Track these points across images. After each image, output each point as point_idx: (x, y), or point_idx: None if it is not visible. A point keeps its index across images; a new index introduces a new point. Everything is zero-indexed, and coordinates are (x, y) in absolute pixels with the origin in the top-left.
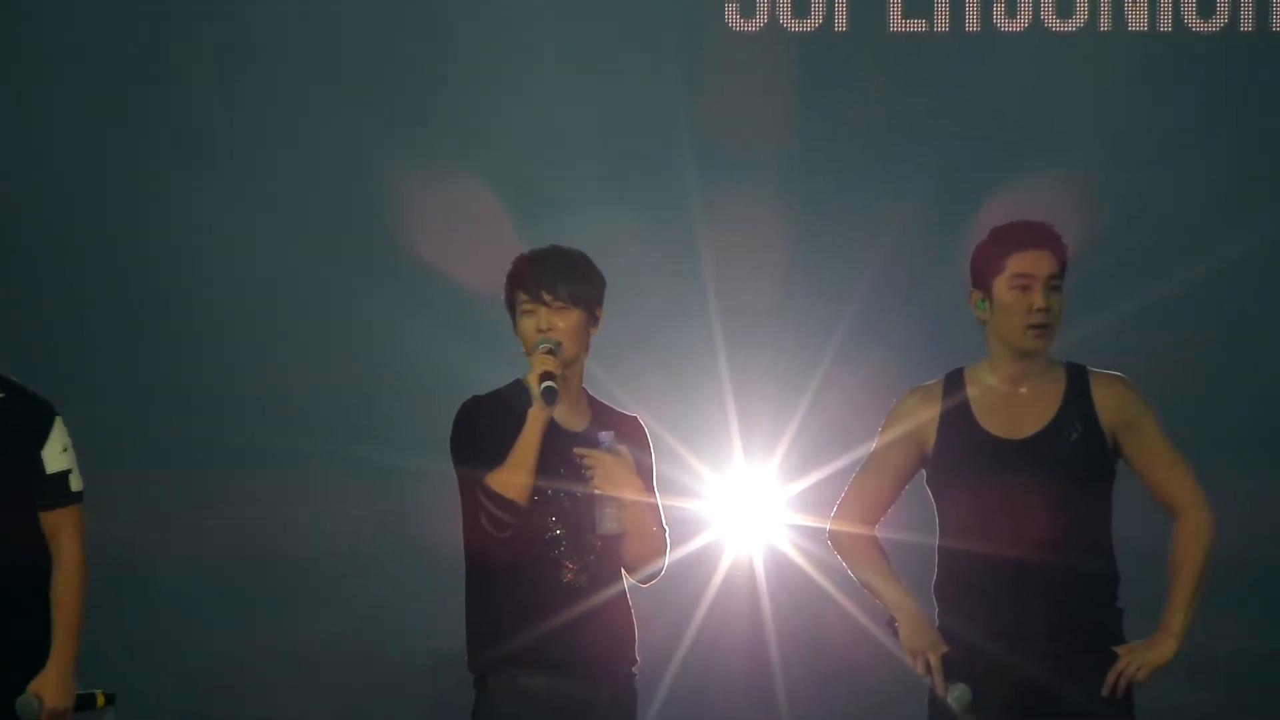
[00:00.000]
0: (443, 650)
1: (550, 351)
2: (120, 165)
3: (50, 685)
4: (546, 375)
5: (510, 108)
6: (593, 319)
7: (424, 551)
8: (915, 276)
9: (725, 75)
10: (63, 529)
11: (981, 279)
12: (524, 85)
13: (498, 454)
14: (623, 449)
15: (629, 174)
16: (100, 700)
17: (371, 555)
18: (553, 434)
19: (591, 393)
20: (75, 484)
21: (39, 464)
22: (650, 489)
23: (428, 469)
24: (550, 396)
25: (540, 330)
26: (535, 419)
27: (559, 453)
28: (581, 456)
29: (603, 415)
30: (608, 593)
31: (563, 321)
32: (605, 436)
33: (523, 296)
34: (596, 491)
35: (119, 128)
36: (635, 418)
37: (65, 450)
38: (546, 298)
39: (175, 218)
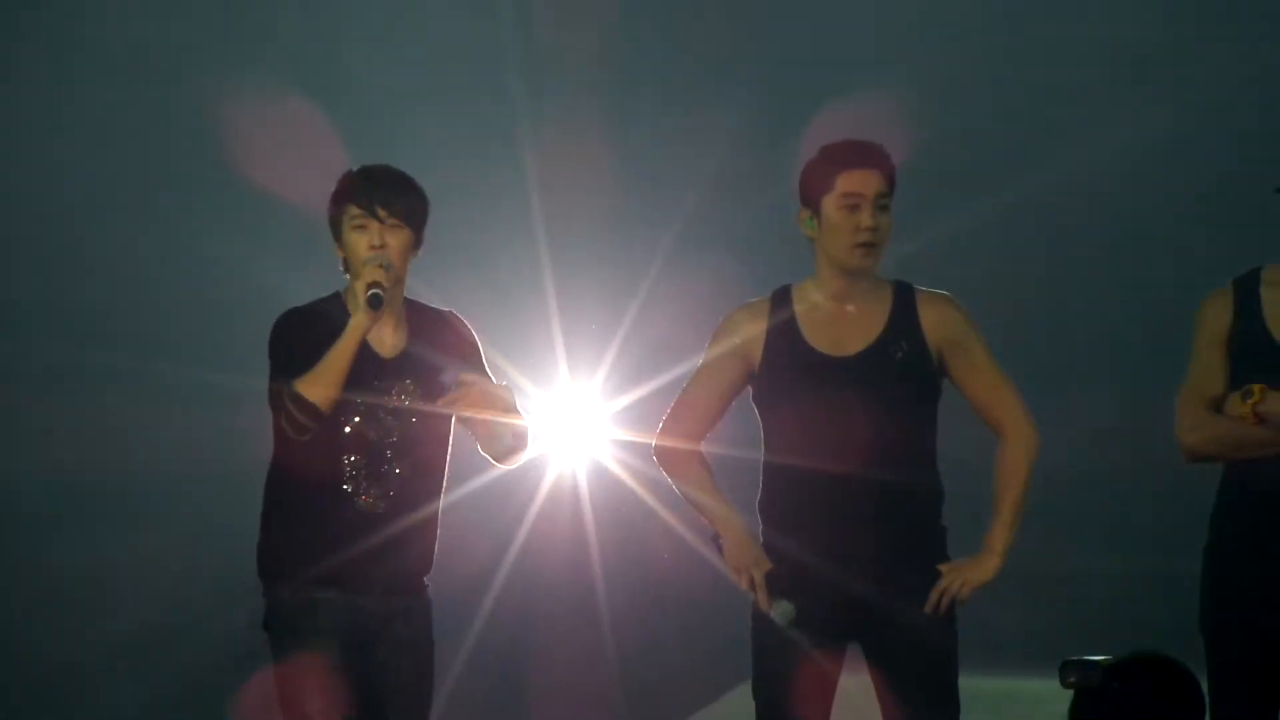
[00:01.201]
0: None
1: (382, 266)
2: None
3: None
4: (374, 284)
5: (336, 24)
6: (418, 240)
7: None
8: (741, 192)
9: None
10: None
11: (810, 197)
12: (352, 3)
13: (309, 365)
14: (467, 376)
15: (454, 89)
16: None
17: (201, 474)
18: (363, 357)
19: (409, 297)
20: None
21: None
22: (484, 375)
23: (252, 387)
24: (375, 302)
25: (373, 247)
26: (356, 325)
27: (367, 381)
28: (452, 401)
29: (417, 319)
30: (408, 519)
31: (394, 239)
32: (448, 378)
33: (354, 210)
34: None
35: None
36: (449, 312)
37: None
38: (381, 213)
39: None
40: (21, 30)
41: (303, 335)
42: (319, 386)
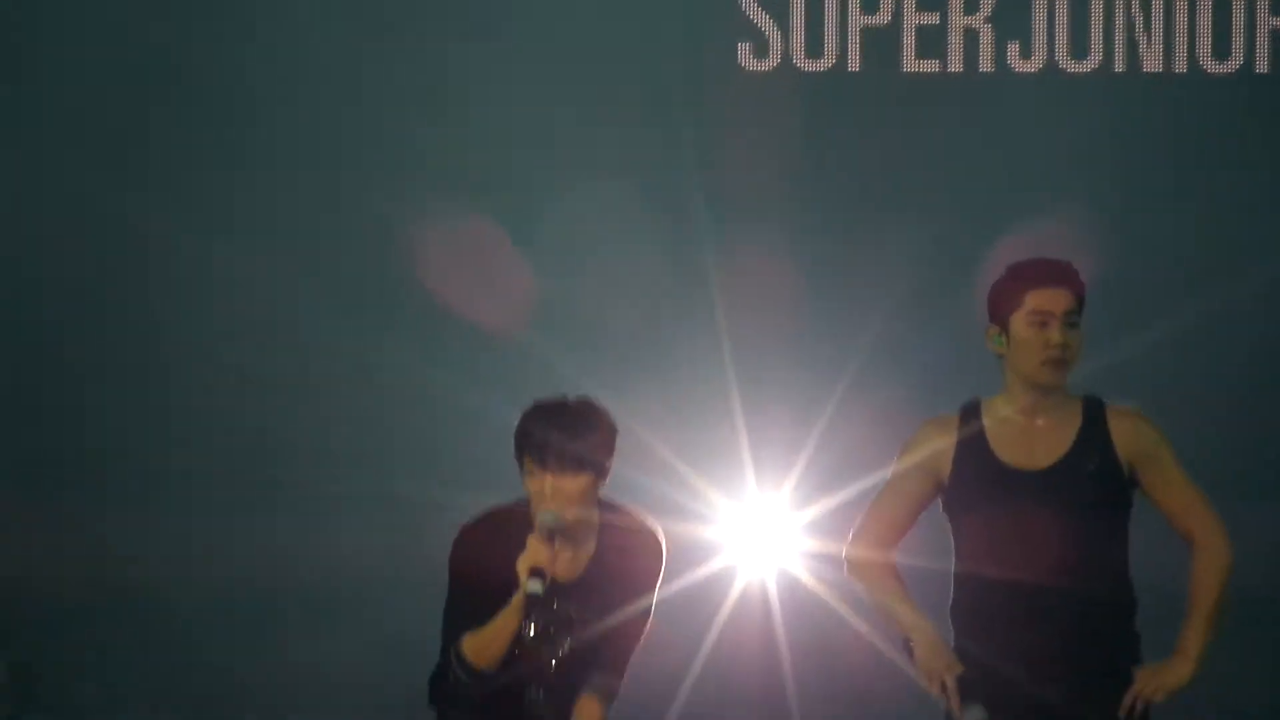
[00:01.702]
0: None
1: (551, 529)
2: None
3: None
4: (536, 572)
5: (522, 149)
6: (602, 476)
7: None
8: (929, 309)
9: (738, 115)
10: None
11: (999, 314)
12: (536, 127)
13: (482, 606)
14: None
15: (642, 213)
16: None
17: (380, 585)
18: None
19: (607, 499)
20: None
21: None
22: (643, 621)
23: (434, 498)
24: (534, 599)
25: (541, 509)
26: (517, 605)
27: (548, 608)
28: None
29: (607, 544)
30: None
31: (571, 486)
32: None
33: (528, 460)
34: None
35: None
36: (648, 537)
37: None
38: (552, 465)
39: (179, 252)
40: (97, 64)
41: (479, 570)
42: (487, 653)
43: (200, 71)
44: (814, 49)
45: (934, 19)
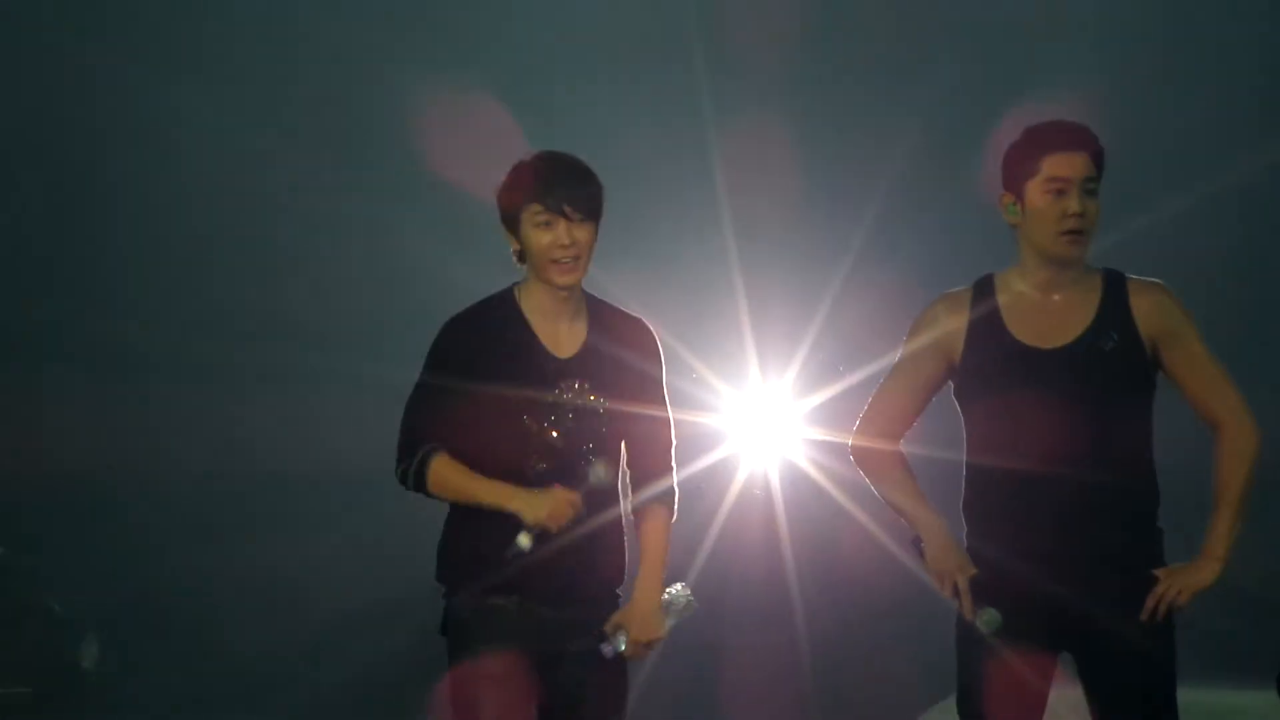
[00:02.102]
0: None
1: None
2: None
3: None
4: (535, 531)
5: (523, 25)
6: (598, 230)
7: None
8: (935, 182)
9: None
10: None
11: (1013, 181)
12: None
13: (456, 395)
14: (621, 633)
15: (642, 89)
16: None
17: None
18: (540, 360)
19: (593, 294)
20: None
21: None
22: (660, 400)
23: None
24: (518, 553)
25: (562, 246)
26: (504, 503)
27: (550, 382)
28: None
29: (604, 322)
30: (599, 518)
31: (582, 234)
32: (607, 650)
33: (536, 209)
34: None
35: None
36: (639, 320)
37: None
38: (568, 210)
39: (188, 134)
40: (227, 31)
41: (462, 352)
42: (445, 490)
43: None
44: None
45: None
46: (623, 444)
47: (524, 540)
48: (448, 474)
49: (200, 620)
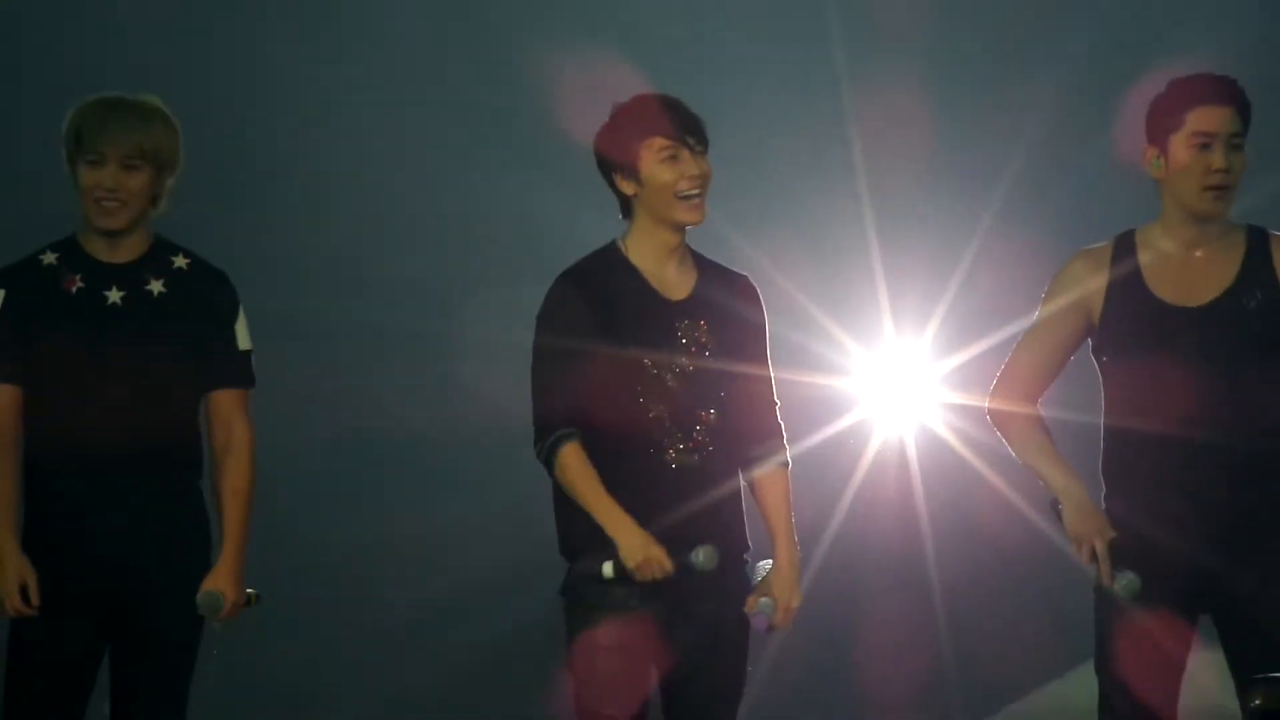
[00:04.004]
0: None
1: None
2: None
3: (229, 579)
4: (620, 569)
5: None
6: None
7: None
8: (1073, 144)
9: None
10: (240, 411)
11: (1157, 135)
12: None
13: (578, 362)
14: (761, 566)
15: (775, 53)
16: (253, 598)
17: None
18: (654, 304)
19: (699, 251)
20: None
21: (232, 340)
22: (765, 357)
23: None
24: (601, 579)
25: (690, 177)
26: (606, 527)
27: (662, 324)
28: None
29: (710, 274)
30: (718, 474)
31: (706, 166)
32: (759, 623)
33: (661, 142)
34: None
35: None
36: (745, 276)
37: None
38: (691, 141)
39: (303, 99)
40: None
41: (575, 306)
42: (567, 486)
43: None
44: None
45: None
46: (754, 390)
47: (608, 569)
48: (572, 474)
49: (340, 584)
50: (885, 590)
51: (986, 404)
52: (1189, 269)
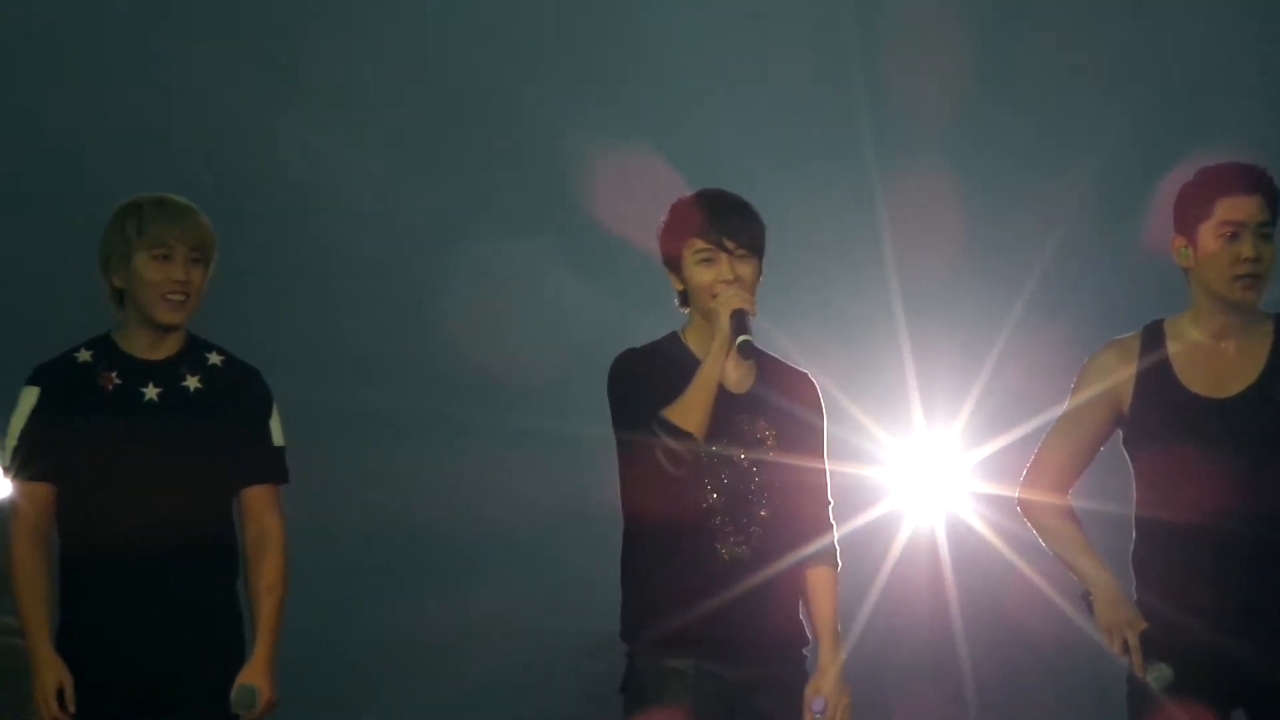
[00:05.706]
0: (602, 631)
1: (747, 341)
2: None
3: (264, 674)
4: (740, 313)
5: (686, 78)
6: (760, 269)
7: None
8: (1103, 235)
9: (900, 43)
10: (272, 507)
11: (1185, 224)
12: (699, 62)
13: (658, 404)
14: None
15: (806, 142)
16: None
17: (542, 524)
18: (717, 394)
19: (762, 347)
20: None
21: (266, 435)
22: (822, 453)
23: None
24: (746, 350)
25: (725, 281)
26: (718, 354)
27: (721, 417)
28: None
29: (772, 370)
30: (772, 567)
31: (745, 270)
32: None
33: (699, 244)
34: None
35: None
36: (805, 374)
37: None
38: (729, 245)
39: (323, 175)
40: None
41: (648, 371)
42: (692, 414)
43: None
44: None
45: None
46: (807, 490)
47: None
48: (673, 407)
49: (359, 679)
50: (916, 679)
51: (1017, 494)
52: (1218, 359)
